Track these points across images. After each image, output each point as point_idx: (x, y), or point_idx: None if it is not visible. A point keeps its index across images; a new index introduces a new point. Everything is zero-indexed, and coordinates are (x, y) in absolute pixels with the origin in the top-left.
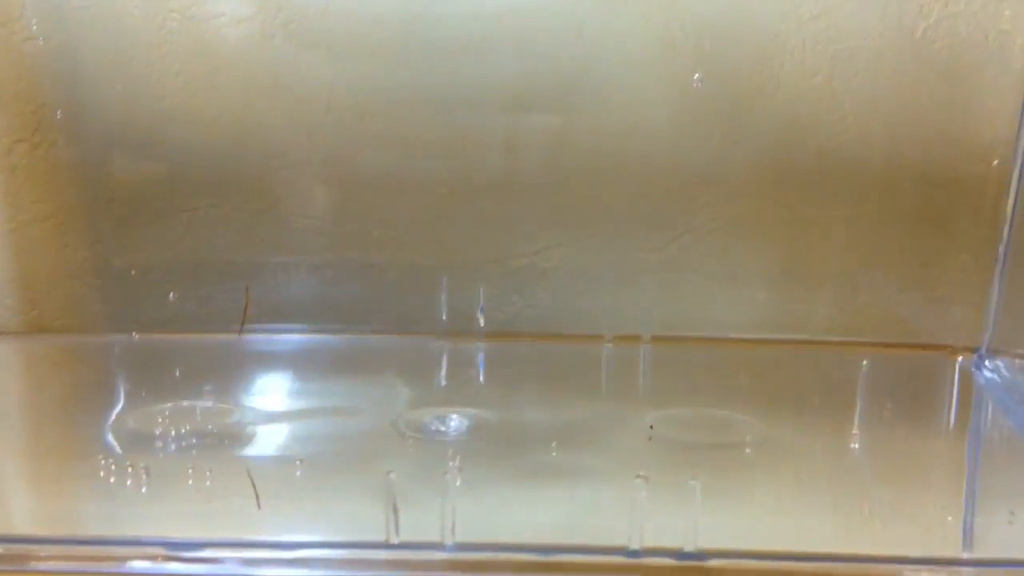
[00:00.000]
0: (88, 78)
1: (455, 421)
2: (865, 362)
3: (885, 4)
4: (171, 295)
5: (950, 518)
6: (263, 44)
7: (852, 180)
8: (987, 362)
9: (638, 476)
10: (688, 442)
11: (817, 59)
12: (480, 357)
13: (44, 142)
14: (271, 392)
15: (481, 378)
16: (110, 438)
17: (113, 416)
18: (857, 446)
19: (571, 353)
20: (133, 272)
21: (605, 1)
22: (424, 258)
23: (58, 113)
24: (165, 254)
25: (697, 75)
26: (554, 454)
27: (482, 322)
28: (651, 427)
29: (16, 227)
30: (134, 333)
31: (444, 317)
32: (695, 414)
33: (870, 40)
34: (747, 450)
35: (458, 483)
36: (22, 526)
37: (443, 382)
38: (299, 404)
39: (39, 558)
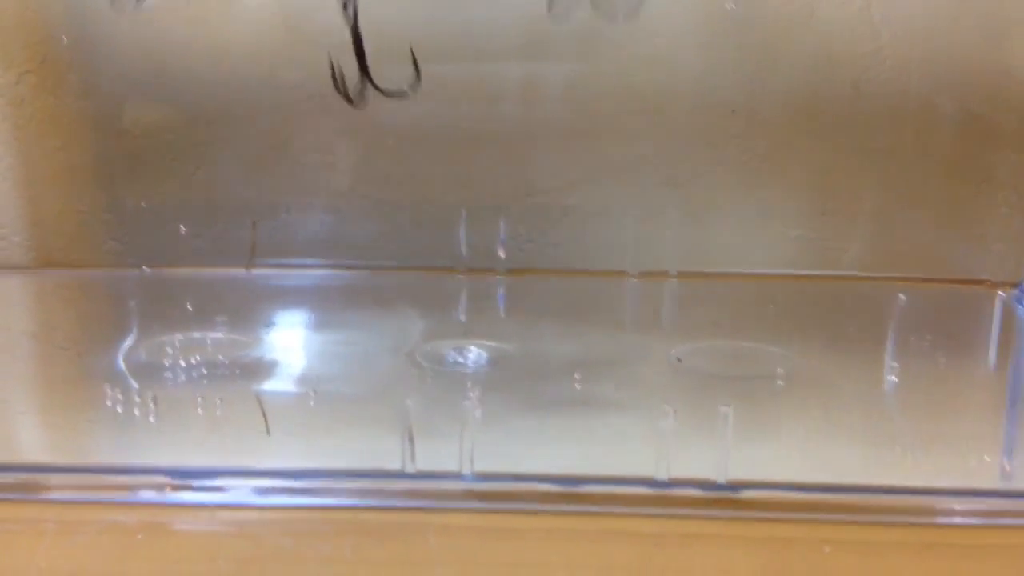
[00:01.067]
0: (96, 6)
1: (474, 353)
2: (902, 296)
3: None
4: (182, 228)
5: (986, 452)
6: None
7: (888, 113)
8: None
9: (665, 406)
10: (716, 374)
11: None
12: (500, 292)
13: (52, 74)
14: (283, 325)
15: (501, 312)
16: (119, 368)
17: (122, 348)
18: (894, 378)
19: (594, 288)
20: (143, 206)
21: None
22: (442, 195)
23: (65, 42)
24: (176, 188)
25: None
26: (577, 386)
27: (503, 254)
28: (678, 359)
29: (24, 161)
30: (144, 267)
31: (464, 252)
32: (723, 346)
33: None
34: (778, 382)
35: (478, 414)
36: (30, 455)
37: (462, 316)
38: (312, 336)
39: (48, 487)
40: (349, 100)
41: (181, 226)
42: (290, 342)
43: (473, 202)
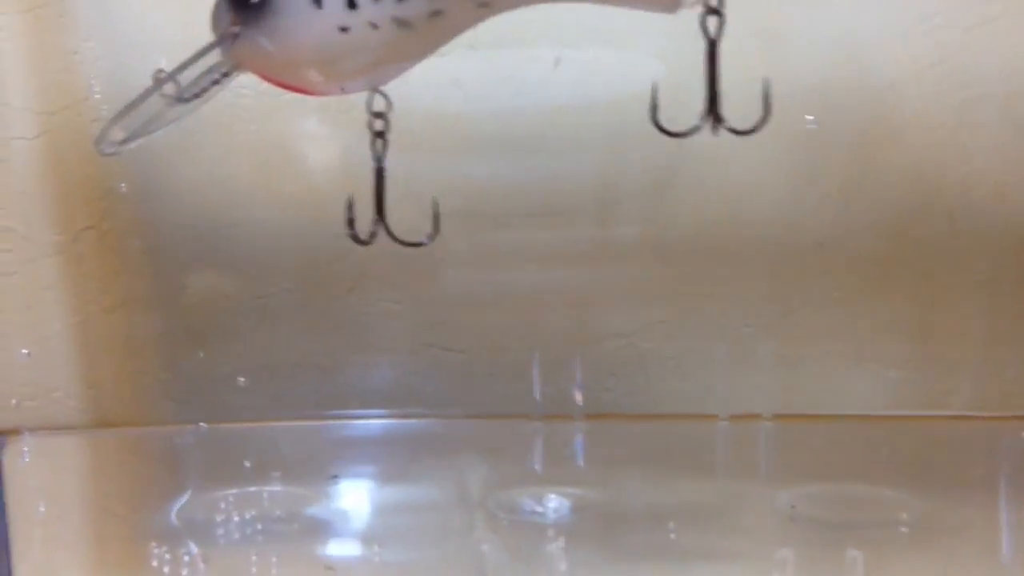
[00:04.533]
0: (157, 160)
1: (554, 501)
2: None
3: (1014, 46)
4: (240, 381)
5: None
6: (338, 123)
7: (988, 241)
8: None
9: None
10: (828, 521)
11: (941, 109)
12: (579, 438)
13: (112, 230)
14: (348, 477)
15: (580, 460)
16: (172, 525)
17: (176, 506)
18: None
19: (681, 433)
20: (202, 362)
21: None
22: (513, 341)
23: (127, 198)
24: (236, 343)
25: (811, 117)
26: (673, 536)
27: (580, 399)
28: (792, 506)
29: (83, 319)
30: (201, 423)
31: (538, 398)
32: (831, 492)
33: (999, 86)
34: (902, 528)
35: (562, 567)
36: None
37: (537, 464)
38: (379, 489)
39: None
40: (358, 240)
41: (240, 379)
42: (355, 495)
43: (546, 347)
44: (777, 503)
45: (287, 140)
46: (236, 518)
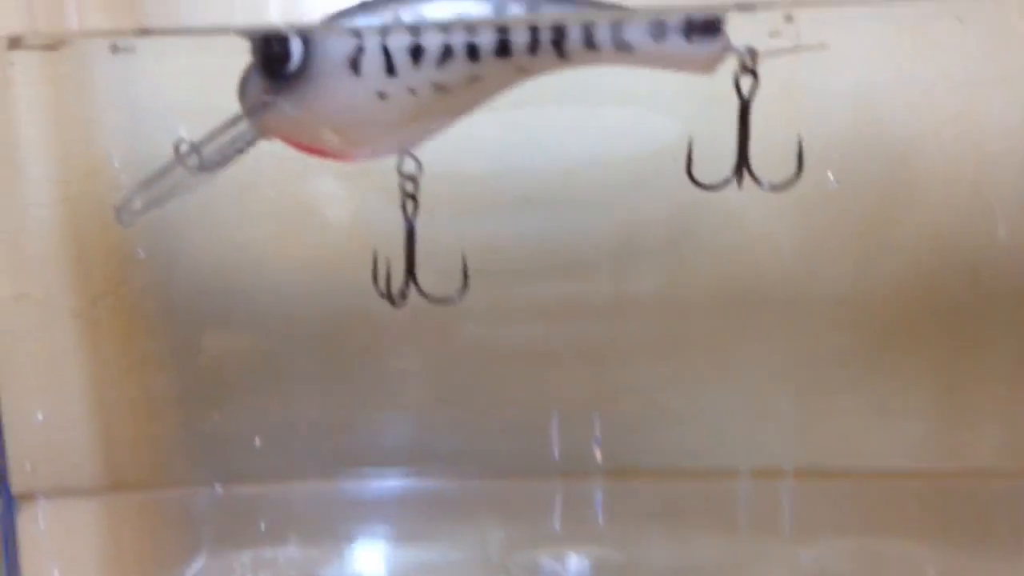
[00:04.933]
0: (176, 226)
1: (574, 561)
2: None
3: None
4: (257, 442)
5: None
6: (355, 185)
7: (1011, 294)
8: None
9: None
10: None
11: (962, 164)
12: (599, 497)
13: (130, 294)
14: (364, 538)
15: (601, 518)
16: None
17: (189, 570)
18: None
19: (703, 489)
20: (218, 424)
21: (723, 116)
22: (530, 398)
23: (144, 264)
24: (252, 405)
25: (831, 175)
26: None
27: (599, 456)
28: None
29: (98, 384)
30: (216, 485)
31: (556, 456)
32: (858, 549)
33: (1020, 141)
34: None
35: None
36: None
37: (557, 523)
38: (395, 550)
39: None
40: (390, 299)
41: (256, 440)
42: (372, 557)
43: (564, 404)
44: (801, 560)
45: (303, 202)
46: None
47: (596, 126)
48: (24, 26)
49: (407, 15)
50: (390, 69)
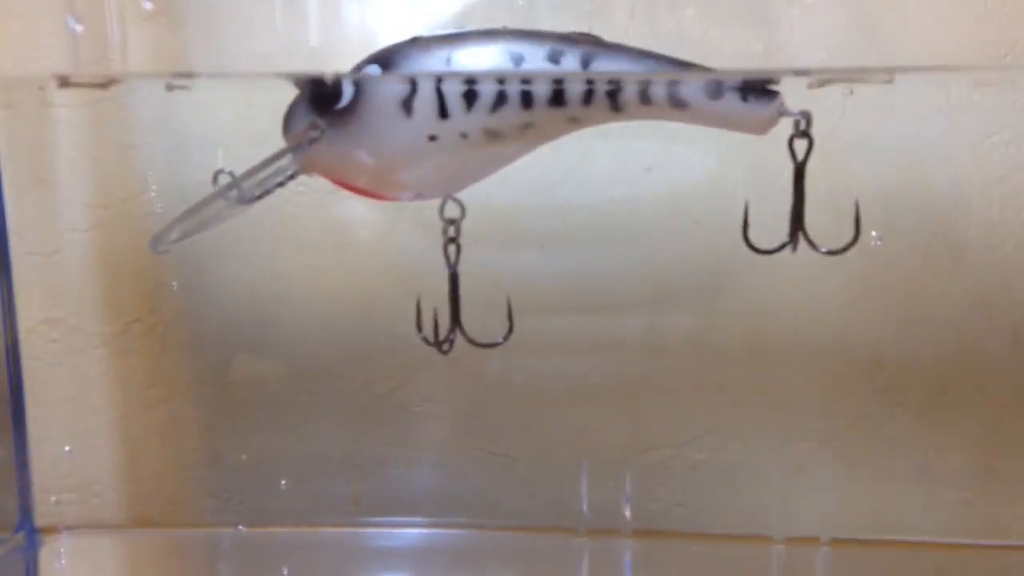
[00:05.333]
0: (209, 255)
1: None
2: None
3: None
4: (283, 483)
5: None
6: (392, 221)
7: None
8: None
9: None
10: None
11: (1007, 225)
12: (627, 557)
13: (160, 323)
14: None
15: None
16: None
17: None
18: None
19: (735, 555)
20: (244, 460)
21: (760, 172)
22: (560, 447)
23: (176, 292)
24: (279, 442)
25: (875, 233)
26: None
27: (628, 514)
28: None
29: (125, 415)
30: (240, 527)
31: (585, 511)
32: None
33: None
34: None
35: None
36: None
37: None
38: None
39: None
40: (438, 346)
41: (282, 481)
42: None
43: (594, 455)
44: None
45: (337, 234)
46: None
47: (635, 164)
48: (68, 61)
49: (461, 56)
50: (443, 112)
